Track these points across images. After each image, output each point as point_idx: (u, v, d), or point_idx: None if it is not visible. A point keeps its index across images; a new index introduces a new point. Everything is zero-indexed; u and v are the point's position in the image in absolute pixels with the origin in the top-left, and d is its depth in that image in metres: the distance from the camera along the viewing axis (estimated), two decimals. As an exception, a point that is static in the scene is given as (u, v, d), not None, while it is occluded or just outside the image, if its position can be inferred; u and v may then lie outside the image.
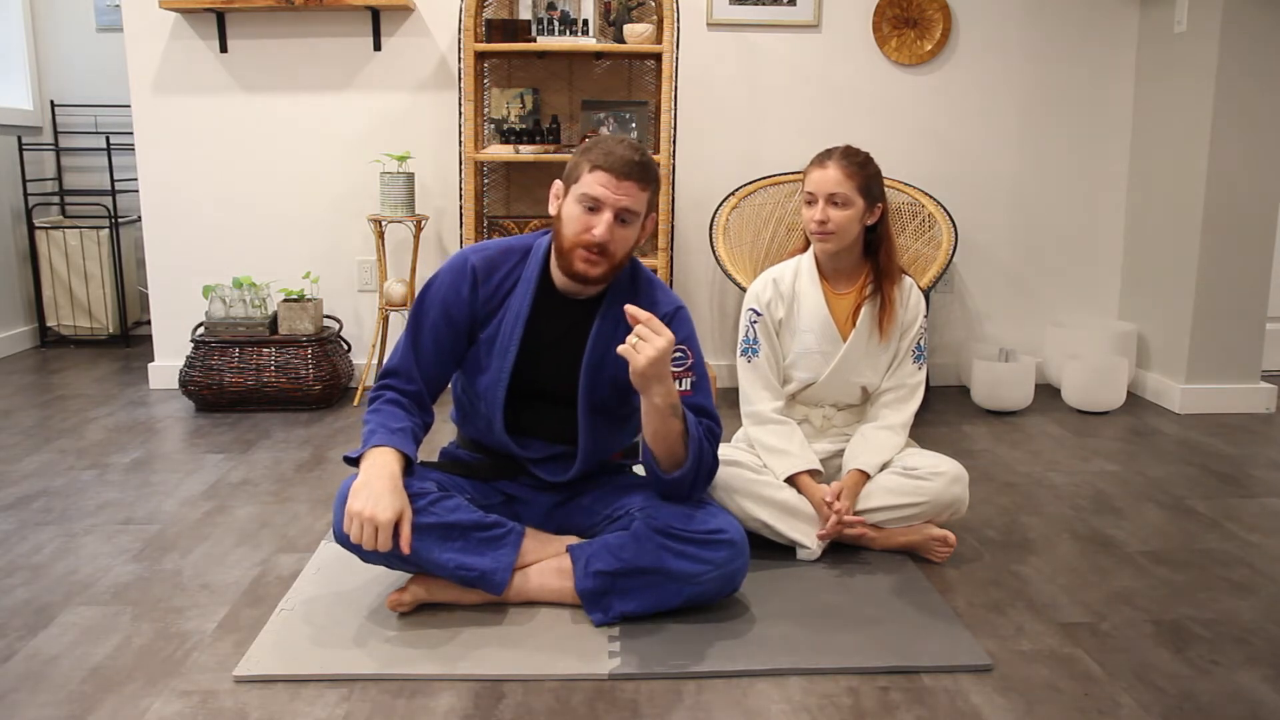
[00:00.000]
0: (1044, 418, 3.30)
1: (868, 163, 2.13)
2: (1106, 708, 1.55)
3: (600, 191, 1.77)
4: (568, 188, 1.83)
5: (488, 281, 1.89)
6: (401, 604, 1.83)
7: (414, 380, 1.88)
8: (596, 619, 1.80)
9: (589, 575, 1.80)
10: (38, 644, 1.74)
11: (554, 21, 3.29)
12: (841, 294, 2.20)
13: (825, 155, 2.14)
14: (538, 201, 3.57)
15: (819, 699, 1.57)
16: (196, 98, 3.51)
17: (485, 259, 1.91)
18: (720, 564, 1.79)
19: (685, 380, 1.88)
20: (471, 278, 1.89)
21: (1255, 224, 3.29)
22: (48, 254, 4.27)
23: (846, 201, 2.08)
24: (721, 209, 3.43)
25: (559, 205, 1.86)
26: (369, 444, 1.77)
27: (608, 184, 1.77)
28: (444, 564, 1.76)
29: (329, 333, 3.44)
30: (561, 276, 1.87)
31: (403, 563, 1.79)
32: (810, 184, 2.12)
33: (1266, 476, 2.70)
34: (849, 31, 3.57)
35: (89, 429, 3.09)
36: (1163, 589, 1.99)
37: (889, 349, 2.19)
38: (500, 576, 1.79)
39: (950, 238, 3.25)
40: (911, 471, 2.11)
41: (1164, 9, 3.46)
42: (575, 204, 1.80)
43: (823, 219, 2.09)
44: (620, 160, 1.77)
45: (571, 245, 1.81)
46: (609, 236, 1.78)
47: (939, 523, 2.11)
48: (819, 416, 2.26)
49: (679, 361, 1.87)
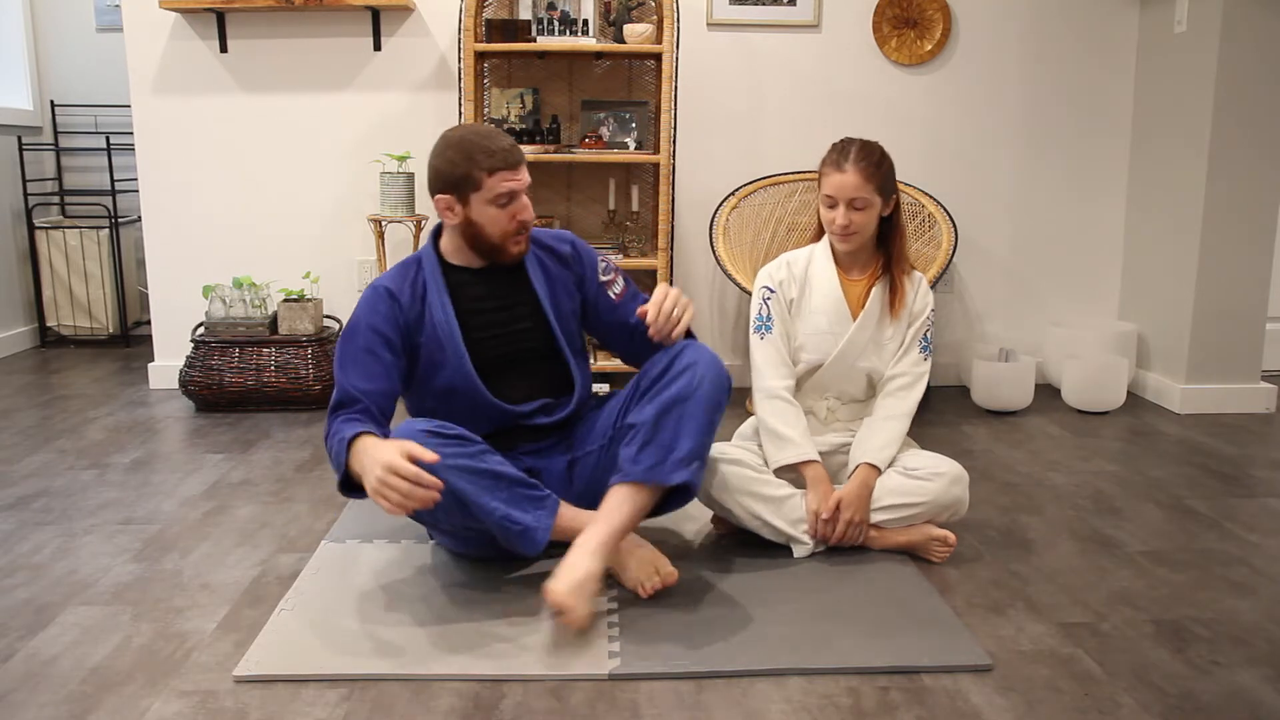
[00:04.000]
0: (1044, 418, 3.30)
1: (883, 160, 2.14)
2: (1106, 708, 1.55)
3: (509, 186, 1.91)
4: (464, 197, 1.93)
5: (402, 293, 1.98)
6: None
7: (360, 400, 1.88)
8: (682, 477, 1.83)
9: (638, 467, 1.83)
10: (38, 644, 1.74)
11: (554, 21, 3.29)
12: (854, 280, 2.22)
13: (842, 155, 2.12)
14: (538, 202, 3.57)
15: (819, 699, 1.57)
16: (196, 98, 3.51)
17: (390, 278, 2.00)
18: (702, 366, 1.89)
19: (617, 281, 2.12)
20: (388, 295, 1.97)
21: (1255, 224, 3.29)
22: (48, 254, 4.27)
23: (867, 204, 2.11)
24: (721, 209, 3.43)
25: (460, 214, 1.95)
26: (340, 451, 1.78)
27: (510, 177, 1.91)
28: (492, 511, 1.79)
29: (329, 333, 3.44)
30: (467, 257, 2.01)
31: (457, 506, 1.79)
32: (830, 188, 2.12)
33: (1266, 476, 2.70)
34: (849, 31, 3.57)
35: (89, 429, 3.09)
36: (1163, 589, 1.99)
37: (897, 334, 2.20)
38: (540, 536, 1.82)
39: (950, 238, 3.25)
40: (912, 472, 2.11)
41: (1164, 9, 3.46)
42: (488, 207, 1.92)
43: (846, 223, 2.12)
44: (507, 151, 1.91)
45: (502, 239, 1.96)
46: (532, 214, 1.97)
47: (938, 523, 2.11)
48: (823, 409, 2.25)
49: (606, 271, 2.12)
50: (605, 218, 3.53)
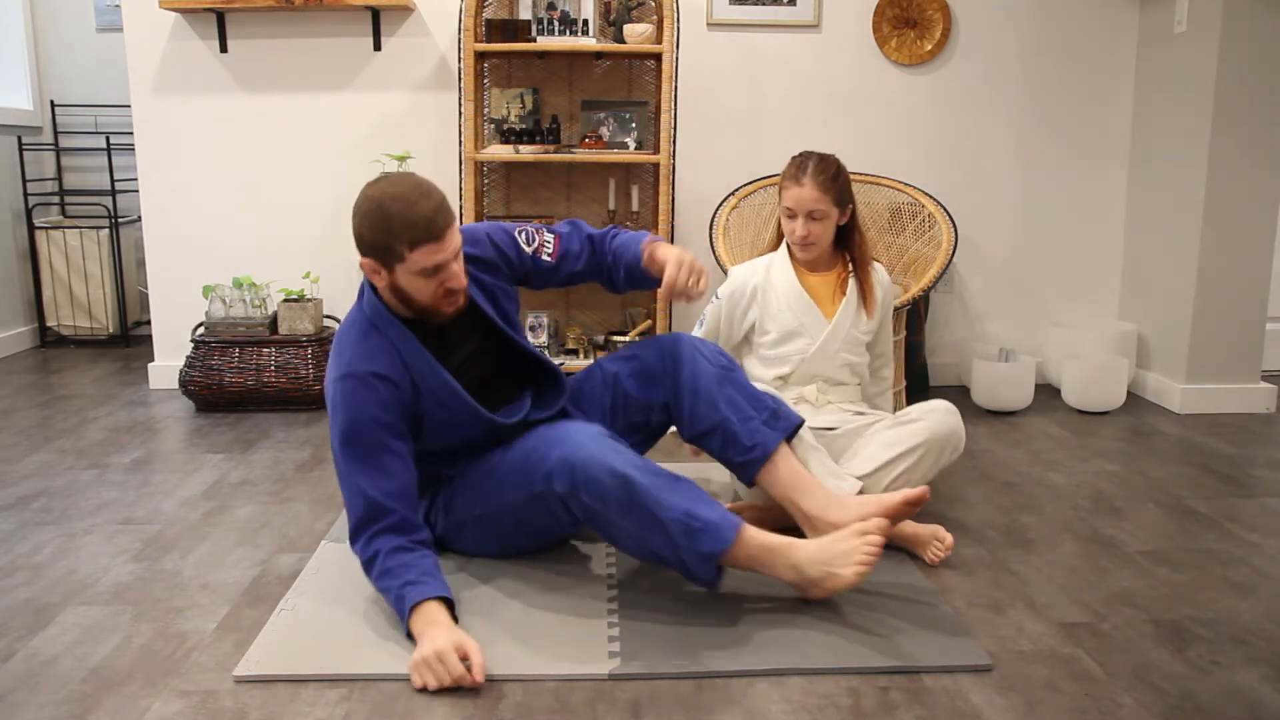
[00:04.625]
0: (1044, 418, 3.30)
1: (838, 173, 2.32)
2: (1106, 708, 1.55)
3: (435, 260, 1.77)
4: (389, 266, 1.79)
5: (392, 371, 1.85)
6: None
7: (393, 511, 1.79)
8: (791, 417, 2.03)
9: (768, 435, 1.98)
10: (38, 644, 1.74)
11: (554, 21, 3.29)
12: (819, 276, 2.41)
13: (800, 170, 2.30)
14: (537, 202, 3.57)
15: (819, 699, 1.57)
16: (196, 98, 3.51)
17: (364, 359, 1.84)
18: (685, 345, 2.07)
19: (544, 244, 2.09)
20: (380, 380, 1.83)
21: (1255, 224, 3.29)
22: (48, 254, 4.27)
23: (824, 215, 2.31)
24: (721, 209, 3.43)
25: (386, 279, 1.82)
26: (401, 609, 1.70)
27: (433, 250, 1.76)
28: (672, 507, 1.72)
29: (329, 333, 3.44)
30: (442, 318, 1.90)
31: (628, 508, 1.74)
32: (790, 201, 2.32)
33: (1266, 476, 2.70)
34: (849, 31, 3.57)
35: (89, 429, 3.09)
36: (1163, 589, 1.99)
37: (871, 325, 2.42)
38: (728, 531, 1.73)
39: (950, 238, 3.25)
40: (902, 419, 2.20)
41: (1164, 9, 3.46)
42: (413, 278, 1.79)
43: (805, 233, 2.32)
44: (429, 221, 1.75)
45: (433, 303, 1.84)
46: (462, 282, 1.84)
47: (943, 465, 2.18)
48: (813, 392, 2.36)
49: (529, 241, 2.07)
50: (605, 218, 3.53)
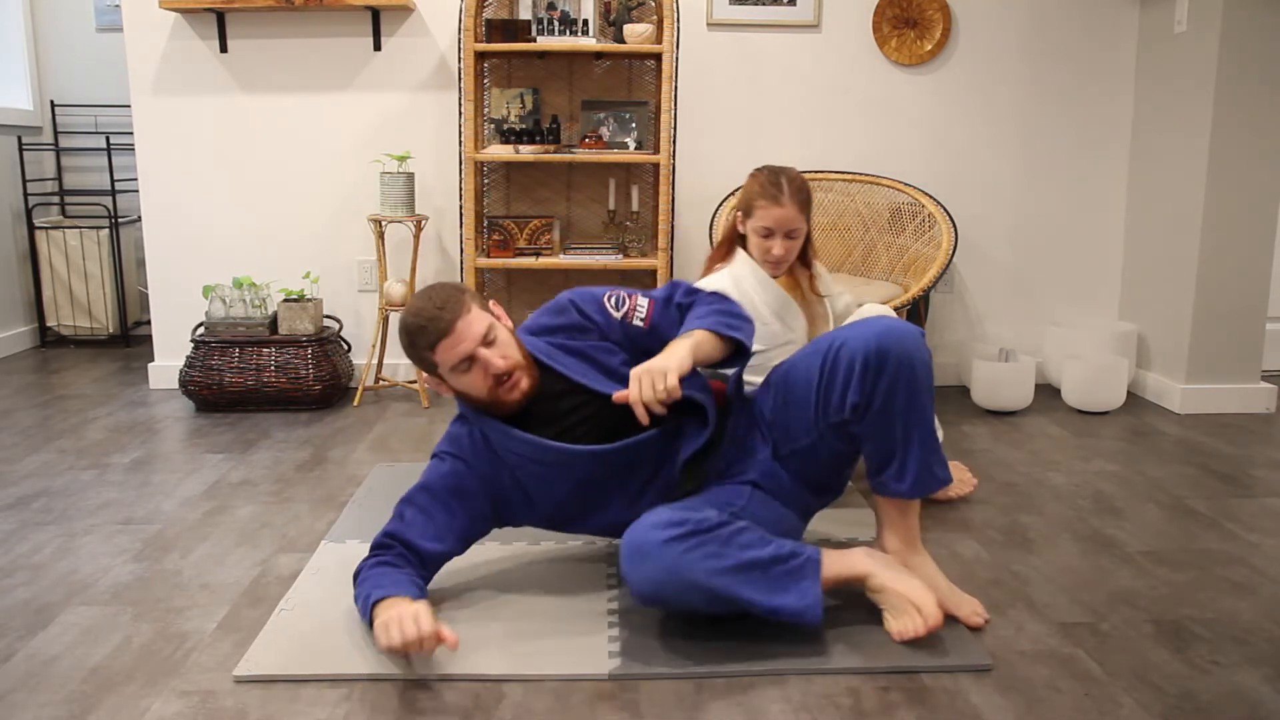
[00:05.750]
0: (1044, 418, 3.30)
1: (806, 187, 2.33)
2: (1106, 708, 1.55)
3: (457, 353, 1.76)
4: (436, 375, 1.82)
5: (462, 451, 1.85)
6: None
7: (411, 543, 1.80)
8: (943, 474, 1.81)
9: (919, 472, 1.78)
10: (38, 644, 1.74)
11: (554, 21, 3.29)
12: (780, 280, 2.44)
13: (777, 189, 2.28)
14: (537, 202, 3.58)
15: (819, 699, 1.57)
16: (196, 98, 3.51)
17: (447, 440, 1.87)
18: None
19: (636, 307, 1.91)
20: (452, 457, 1.85)
21: (1255, 224, 3.29)
22: (48, 254, 4.27)
23: (801, 232, 2.33)
24: (721, 209, 3.43)
25: (447, 388, 1.84)
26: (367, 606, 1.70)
27: (450, 347, 1.76)
28: (751, 605, 1.65)
29: (329, 333, 3.44)
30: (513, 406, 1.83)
31: (710, 601, 1.65)
32: (769, 220, 2.28)
33: (1266, 476, 2.70)
34: (849, 31, 3.57)
35: (89, 429, 3.09)
36: (1163, 589, 1.99)
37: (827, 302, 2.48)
38: (812, 615, 1.66)
39: (950, 238, 3.25)
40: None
41: (1164, 9, 3.46)
42: (456, 376, 1.80)
43: (782, 252, 2.31)
44: (435, 322, 1.75)
45: (490, 396, 1.80)
46: (499, 366, 1.77)
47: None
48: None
49: (619, 305, 1.92)
50: (605, 218, 3.53)
